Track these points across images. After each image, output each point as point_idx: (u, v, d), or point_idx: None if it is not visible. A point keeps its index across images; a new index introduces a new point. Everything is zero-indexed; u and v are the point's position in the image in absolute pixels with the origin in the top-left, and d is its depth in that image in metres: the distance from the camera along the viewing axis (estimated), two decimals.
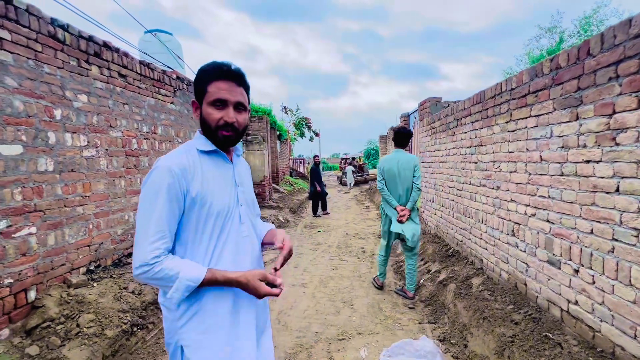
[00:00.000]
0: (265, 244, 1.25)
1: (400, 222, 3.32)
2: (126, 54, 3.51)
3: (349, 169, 18.73)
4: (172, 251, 1.01)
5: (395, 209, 3.35)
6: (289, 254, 1.15)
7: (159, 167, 0.97)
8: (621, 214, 1.67)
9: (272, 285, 1.04)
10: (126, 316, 2.55)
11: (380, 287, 3.69)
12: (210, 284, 0.97)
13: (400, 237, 3.42)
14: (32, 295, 2.37)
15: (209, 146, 1.06)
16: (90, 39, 3.01)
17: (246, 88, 1.09)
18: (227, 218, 1.05)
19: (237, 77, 1.05)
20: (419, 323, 2.94)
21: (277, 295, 1.05)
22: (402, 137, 3.45)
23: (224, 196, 1.06)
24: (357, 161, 22.36)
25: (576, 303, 1.99)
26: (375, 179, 20.39)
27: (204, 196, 1.00)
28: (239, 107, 1.06)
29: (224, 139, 1.05)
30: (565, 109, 2.05)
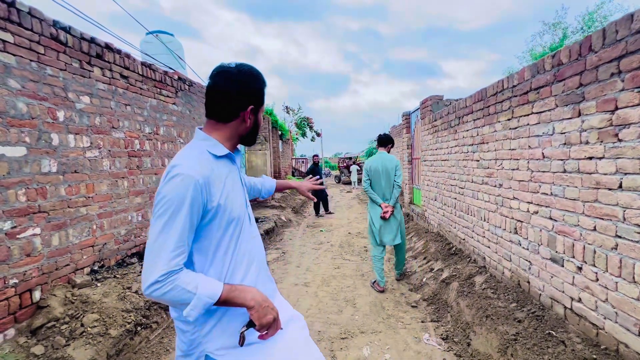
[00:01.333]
0: (281, 189, 1.50)
1: (384, 218, 3.63)
2: (128, 56, 3.53)
3: (354, 167, 18.87)
4: (191, 262, 0.97)
5: (380, 206, 3.66)
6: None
7: (180, 175, 0.89)
8: (624, 211, 1.66)
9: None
10: (130, 316, 2.56)
11: (382, 291, 3.62)
12: (229, 299, 0.93)
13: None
14: (37, 295, 2.39)
15: (224, 150, 1.02)
16: (92, 40, 3.03)
17: None
18: (239, 221, 1.03)
19: None
20: (422, 321, 2.93)
21: (270, 334, 1.01)
22: (384, 140, 3.85)
23: (239, 200, 1.05)
24: (354, 160, 22.76)
25: (579, 300, 1.98)
26: (348, 182, 20.44)
27: (225, 204, 0.98)
28: None
29: (253, 140, 1.12)
30: (567, 105, 2.04)
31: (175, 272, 0.88)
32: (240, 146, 1.16)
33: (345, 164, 22.70)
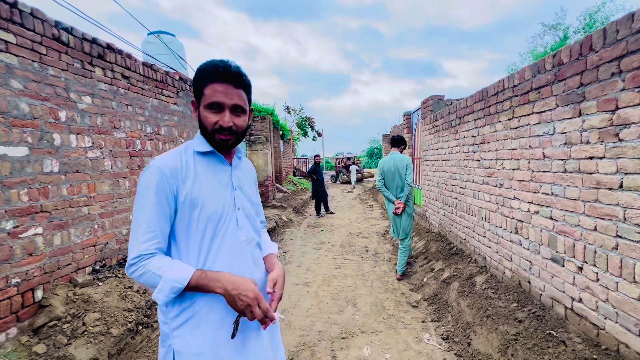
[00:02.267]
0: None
1: (396, 214, 3.92)
2: (129, 56, 3.54)
3: (353, 167, 19.14)
4: (168, 253, 0.99)
5: (393, 202, 3.93)
6: (279, 300, 1.06)
7: (150, 167, 0.96)
8: (625, 211, 1.66)
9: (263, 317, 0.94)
10: (131, 315, 2.57)
11: (400, 279, 3.97)
12: (200, 286, 0.91)
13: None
14: (39, 294, 2.40)
15: (206, 147, 1.02)
16: (93, 41, 3.04)
17: (245, 88, 1.02)
18: (220, 222, 1.00)
19: (234, 78, 0.98)
20: (423, 321, 2.93)
21: (264, 325, 0.97)
22: (397, 141, 4.09)
23: (217, 200, 1.01)
24: (352, 160, 23.19)
25: (580, 301, 1.98)
26: (371, 176, 20.92)
27: (194, 199, 0.97)
28: (236, 110, 1.00)
29: (221, 142, 1.01)
30: (567, 105, 2.04)
31: (146, 256, 0.91)
32: (242, 151, 1.15)
33: (342, 164, 22.85)
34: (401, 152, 4.01)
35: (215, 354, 0.96)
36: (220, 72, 0.97)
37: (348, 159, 23.55)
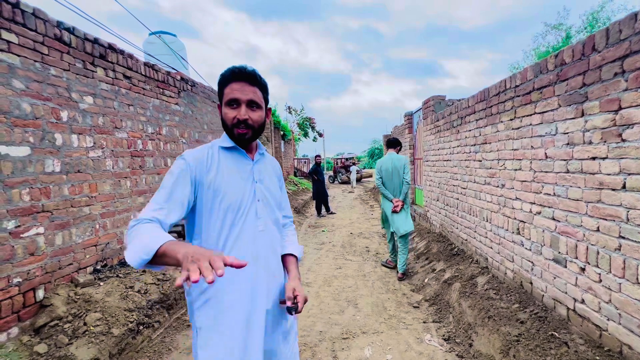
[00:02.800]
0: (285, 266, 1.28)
1: (395, 211, 4.00)
2: (131, 56, 3.55)
3: (354, 168, 19.41)
4: (191, 239, 1.12)
5: (391, 201, 4.04)
6: (304, 302, 1.16)
7: (179, 158, 1.10)
8: (628, 211, 1.65)
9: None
10: (132, 315, 2.57)
11: (394, 267, 4.30)
12: (167, 252, 0.83)
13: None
14: (40, 294, 2.40)
15: (229, 143, 1.16)
16: (95, 41, 3.04)
17: (261, 87, 1.13)
18: (239, 211, 1.11)
19: (249, 77, 1.10)
20: (424, 322, 2.92)
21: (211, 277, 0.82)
22: (393, 142, 4.24)
23: (238, 190, 1.12)
24: (351, 161, 23.81)
25: (582, 302, 1.97)
26: (370, 176, 21.20)
27: (216, 188, 1.08)
28: (252, 104, 1.11)
29: (238, 136, 1.11)
30: (570, 105, 2.03)
31: (145, 220, 0.94)
32: (261, 147, 1.25)
33: (341, 164, 23.15)
34: (397, 153, 4.19)
35: (223, 332, 1.08)
36: (236, 73, 1.10)
37: (346, 159, 23.93)
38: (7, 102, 2.22)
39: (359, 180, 20.10)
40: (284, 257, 1.27)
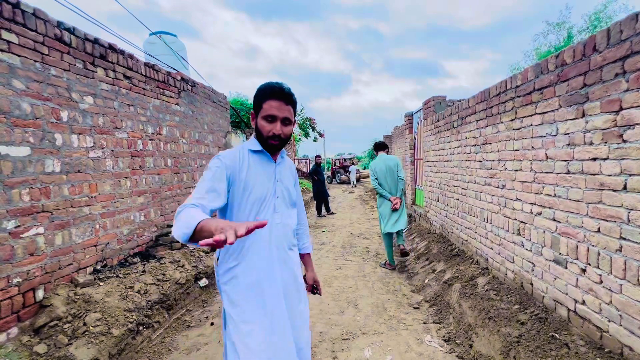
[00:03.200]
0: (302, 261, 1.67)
1: (395, 209, 4.22)
2: (131, 56, 3.55)
3: (353, 168, 19.96)
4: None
5: (389, 200, 4.24)
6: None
7: (216, 158, 1.30)
8: (629, 212, 1.65)
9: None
10: (132, 315, 2.57)
11: (394, 269, 4.36)
12: (203, 227, 0.98)
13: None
14: (40, 294, 2.40)
15: (257, 146, 1.35)
16: (96, 41, 3.04)
17: (294, 105, 1.34)
18: (262, 205, 1.33)
19: (286, 97, 1.29)
20: (424, 323, 2.92)
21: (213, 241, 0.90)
22: (381, 145, 4.54)
23: (263, 187, 1.33)
24: (350, 162, 24.40)
25: (583, 303, 1.97)
26: (367, 177, 21.63)
27: (246, 184, 1.30)
28: (285, 121, 1.31)
29: (271, 145, 1.33)
30: (571, 106, 2.03)
31: (191, 205, 1.11)
32: (284, 151, 1.46)
33: (339, 165, 23.68)
34: (387, 153, 4.47)
35: (248, 300, 1.30)
36: (275, 91, 1.28)
37: (344, 160, 24.58)
38: (8, 102, 2.23)
39: (358, 180, 20.56)
40: (301, 255, 1.63)
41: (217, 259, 1.37)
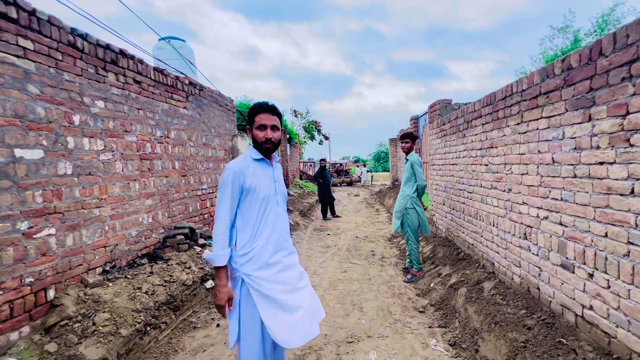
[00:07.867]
0: None
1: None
2: (141, 61, 3.62)
3: (364, 169, 23.01)
4: (234, 221, 1.63)
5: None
6: None
7: (227, 169, 1.60)
8: (636, 217, 1.64)
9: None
10: (140, 316, 2.61)
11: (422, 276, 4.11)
12: (216, 273, 1.60)
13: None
14: (51, 294, 2.45)
15: (258, 155, 1.68)
16: (107, 47, 3.12)
17: (279, 116, 1.69)
18: (269, 201, 1.66)
19: (271, 110, 1.66)
20: (429, 327, 2.91)
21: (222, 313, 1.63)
22: (411, 139, 4.24)
23: (266, 187, 1.66)
24: (344, 166, 27.41)
25: (591, 308, 1.95)
26: (358, 181, 23.79)
27: (254, 187, 1.61)
28: (274, 128, 1.66)
29: (265, 149, 1.67)
30: (577, 110, 2.02)
31: (221, 230, 1.59)
32: (277, 157, 1.81)
33: (335, 169, 25.16)
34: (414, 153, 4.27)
35: (261, 276, 1.61)
36: (263, 107, 1.66)
37: (340, 165, 27.49)
38: (23, 106, 2.29)
39: (349, 183, 23.00)
40: None
41: (236, 244, 1.67)
